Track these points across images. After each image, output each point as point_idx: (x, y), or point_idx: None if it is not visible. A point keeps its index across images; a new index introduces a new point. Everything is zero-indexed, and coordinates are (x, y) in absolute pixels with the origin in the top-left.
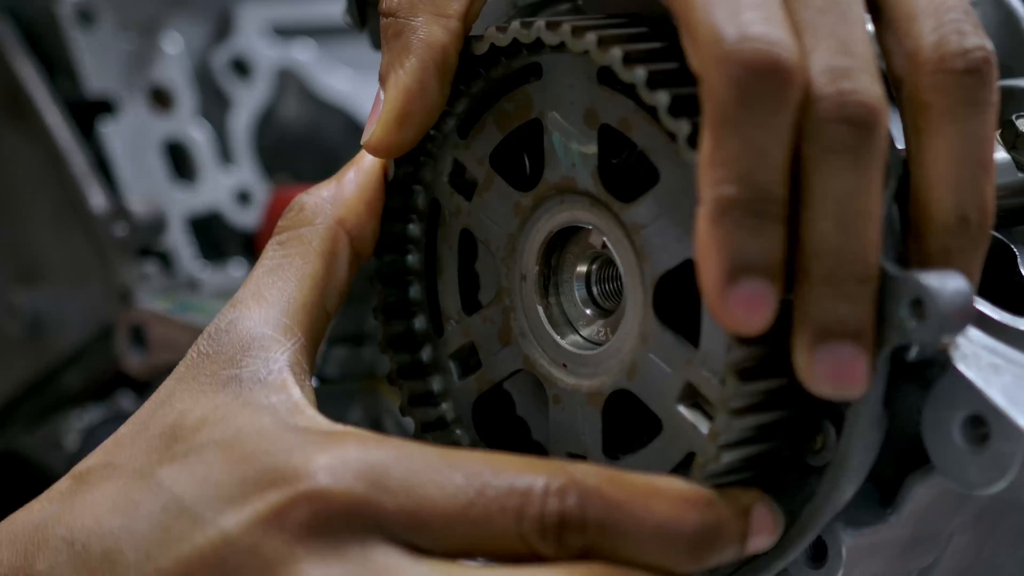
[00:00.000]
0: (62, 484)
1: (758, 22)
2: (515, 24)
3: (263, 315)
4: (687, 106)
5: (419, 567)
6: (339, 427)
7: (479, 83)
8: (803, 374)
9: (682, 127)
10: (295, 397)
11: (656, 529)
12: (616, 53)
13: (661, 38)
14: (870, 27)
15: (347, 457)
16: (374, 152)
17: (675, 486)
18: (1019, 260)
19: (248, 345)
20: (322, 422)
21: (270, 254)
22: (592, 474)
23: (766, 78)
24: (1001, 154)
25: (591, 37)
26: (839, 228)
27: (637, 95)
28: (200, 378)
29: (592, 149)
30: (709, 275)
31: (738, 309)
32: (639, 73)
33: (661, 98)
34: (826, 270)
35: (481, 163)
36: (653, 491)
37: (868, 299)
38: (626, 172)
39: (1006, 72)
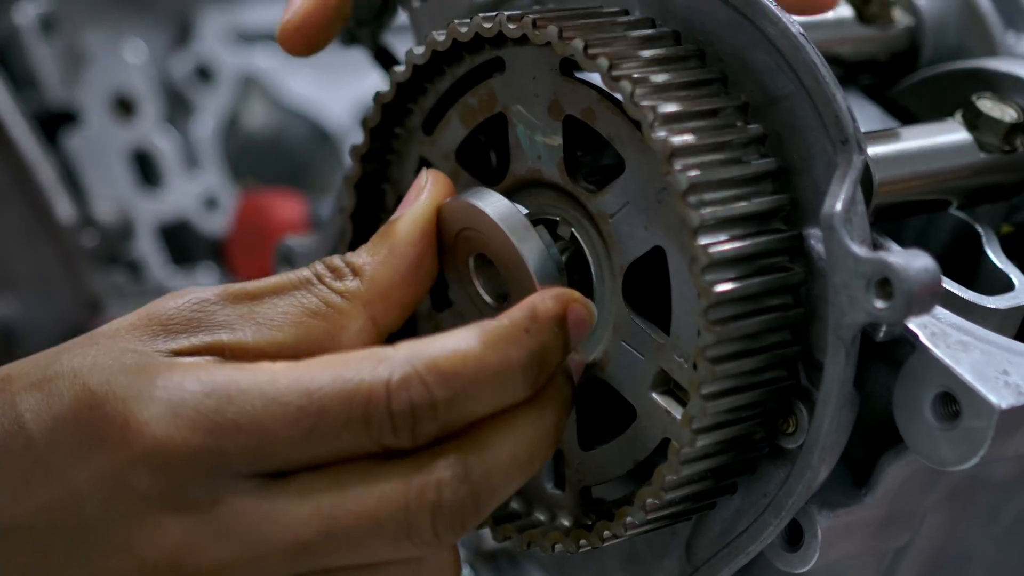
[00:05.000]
0: None
1: None
2: (476, 18)
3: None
4: (651, 93)
5: (274, 502)
6: (181, 363)
7: (443, 79)
8: None
9: (646, 113)
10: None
11: (493, 380)
12: (577, 43)
13: (622, 27)
14: None
15: (179, 401)
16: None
17: (493, 330)
18: (983, 240)
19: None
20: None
21: (291, 317)
22: (422, 355)
23: None
24: (964, 135)
25: (552, 29)
26: None
27: (600, 85)
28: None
29: (557, 140)
30: None
31: None
32: (602, 62)
33: (624, 86)
34: None
35: (447, 158)
36: (476, 346)
37: None
38: (592, 163)
39: (964, 52)
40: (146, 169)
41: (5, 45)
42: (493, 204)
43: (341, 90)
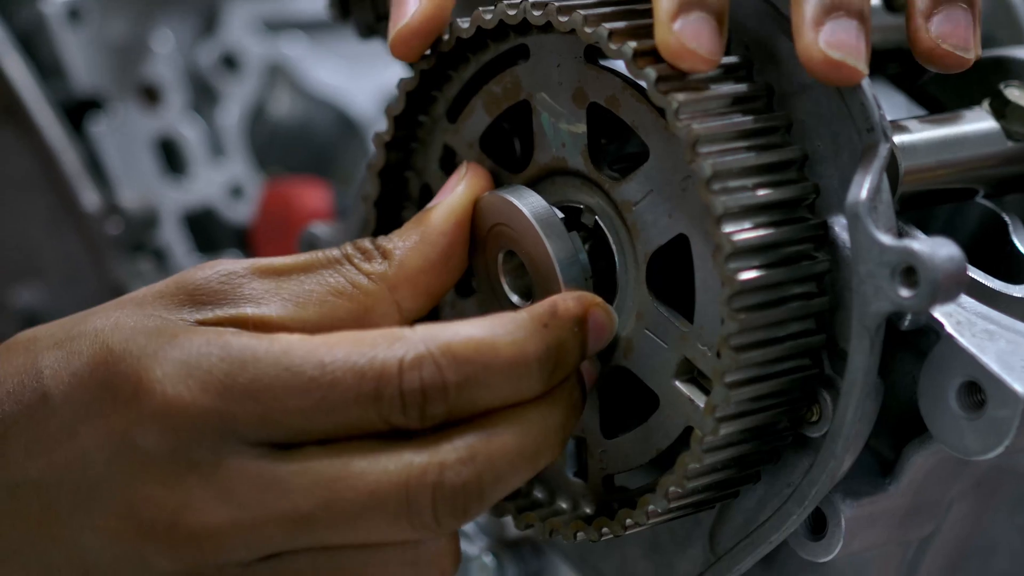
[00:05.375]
0: None
1: None
2: (501, 5)
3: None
4: (675, 80)
5: (276, 470)
6: (201, 329)
7: (468, 67)
8: (808, 48)
9: (670, 101)
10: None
11: (506, 370)
12: (602, 31)
13: (646, 15)
14: None
15: (193, 363)
16: (400, 47)
17: (511, 320)
18: (1010, 229)
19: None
20: (184, 319)
21: (317, 295)
22: (437, 337)
23: None
24: (991, 123)
25: (577, 15)
26: None
27: (624, 72)
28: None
29: (581, 128)
30: (662, 7)
31: (687, 35)
32: (626, 49)
33: (648, 73)
34: None
35: (471, 147)
36: (493, 334)
37: None
38: (616, 151)
39: (993, 41)
40: (171, 157)
41: (32, 34)
42: (530, 203)
43: (367, 79)
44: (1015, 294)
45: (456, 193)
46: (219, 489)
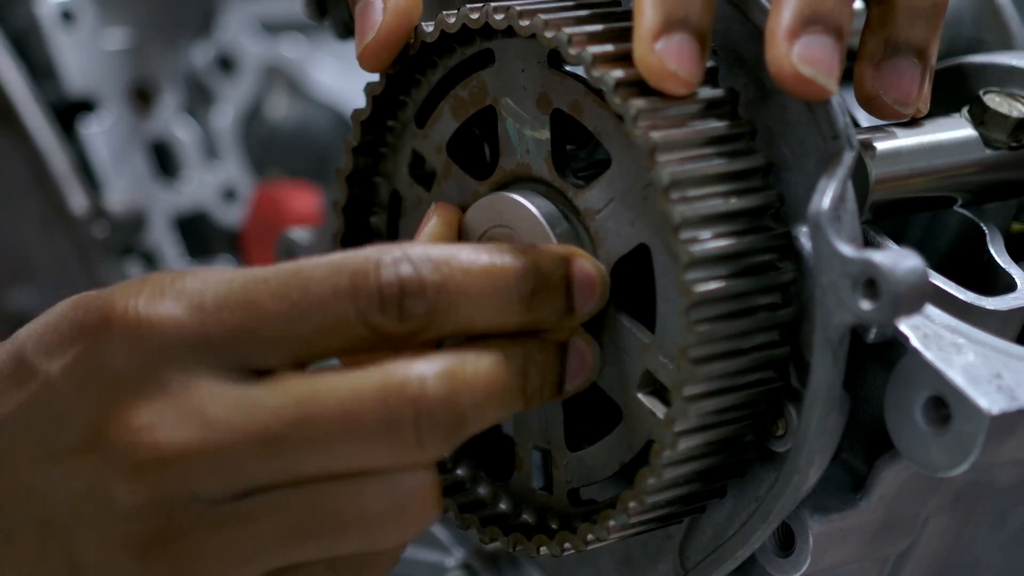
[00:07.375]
0: None
1: None
2: (464, 9)
3: None
4: (634, 86)
5: (247, 391)
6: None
7: (436, 71)
8: (779, 59)
9: (629, 107)
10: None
11: (484, 277)
12: (562, 35)
13: (609, 19)
14: None
15: (167, 285)
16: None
17: (487, 245)
18: (987, 238)
19: None
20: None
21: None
22: (414, 246)
23: None
24: (968, 131)
25: (538, 20)
26: None
27: (586, 78)
28: None
29: (545, 134)
30: (644, 25)
31: (669, 57)
32: (585, 55)
33: (607, 79)
34: None
35: (439, 152)
36: (472, 248)
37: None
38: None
39: (981, 46)
40: (164, 160)
41: (25, 36)
42: (535, 202)
43: (365, 81)
44: (987, 306)
45: (432, 222)
46: (187, 409)
